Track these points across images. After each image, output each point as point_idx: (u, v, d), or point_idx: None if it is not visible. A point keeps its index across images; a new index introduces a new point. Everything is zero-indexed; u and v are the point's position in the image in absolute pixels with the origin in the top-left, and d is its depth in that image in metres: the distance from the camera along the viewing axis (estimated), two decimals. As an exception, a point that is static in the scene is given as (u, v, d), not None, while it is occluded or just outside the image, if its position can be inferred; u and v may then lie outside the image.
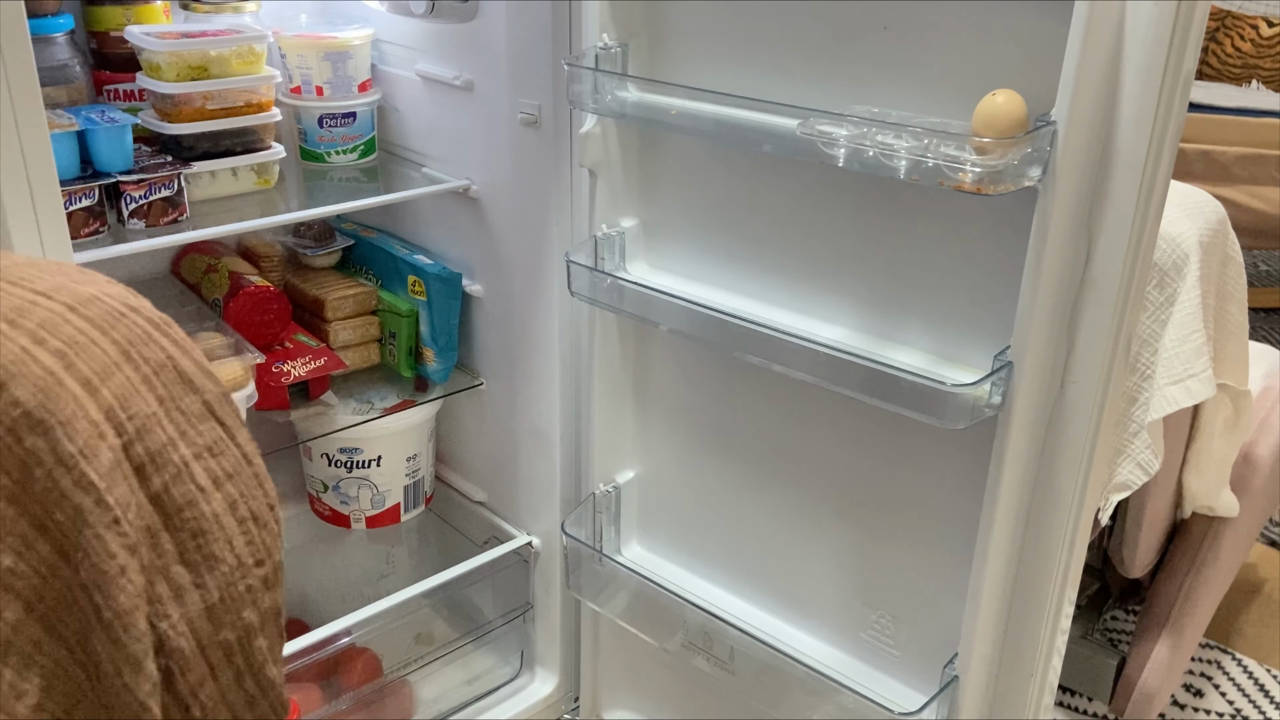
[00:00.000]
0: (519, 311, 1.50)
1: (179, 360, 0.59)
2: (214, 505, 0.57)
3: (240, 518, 0.59)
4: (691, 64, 1.20)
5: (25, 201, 0.96)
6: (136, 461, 0.55)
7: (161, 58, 1.32)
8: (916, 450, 1.13)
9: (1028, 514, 1.05)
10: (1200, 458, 1.64)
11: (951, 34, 0.98)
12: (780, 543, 1.30)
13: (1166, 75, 0.88)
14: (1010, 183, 0.90)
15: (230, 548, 0.58)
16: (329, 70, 1.51)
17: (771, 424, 1.26)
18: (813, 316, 1.16)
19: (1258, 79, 3.50)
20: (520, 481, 1.62)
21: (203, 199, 1.39)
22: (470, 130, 1.48)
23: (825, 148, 0.99)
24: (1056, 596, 1.07)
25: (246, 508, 0.59)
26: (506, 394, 1.59)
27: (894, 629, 1.21)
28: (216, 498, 0.57)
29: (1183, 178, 1.43)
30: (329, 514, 1.68)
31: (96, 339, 0.57)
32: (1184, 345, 1.41)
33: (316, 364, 1.49)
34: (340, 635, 1.43)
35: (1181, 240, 1.42)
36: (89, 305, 0.58)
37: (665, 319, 1.22)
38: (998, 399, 0.99)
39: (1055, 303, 0.96)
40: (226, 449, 0.59)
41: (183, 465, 0.57)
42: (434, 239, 1.63)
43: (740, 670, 1.28)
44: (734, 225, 1.22)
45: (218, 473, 0.58)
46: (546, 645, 1.66)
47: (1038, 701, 1.12)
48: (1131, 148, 0.90)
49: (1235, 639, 2.01)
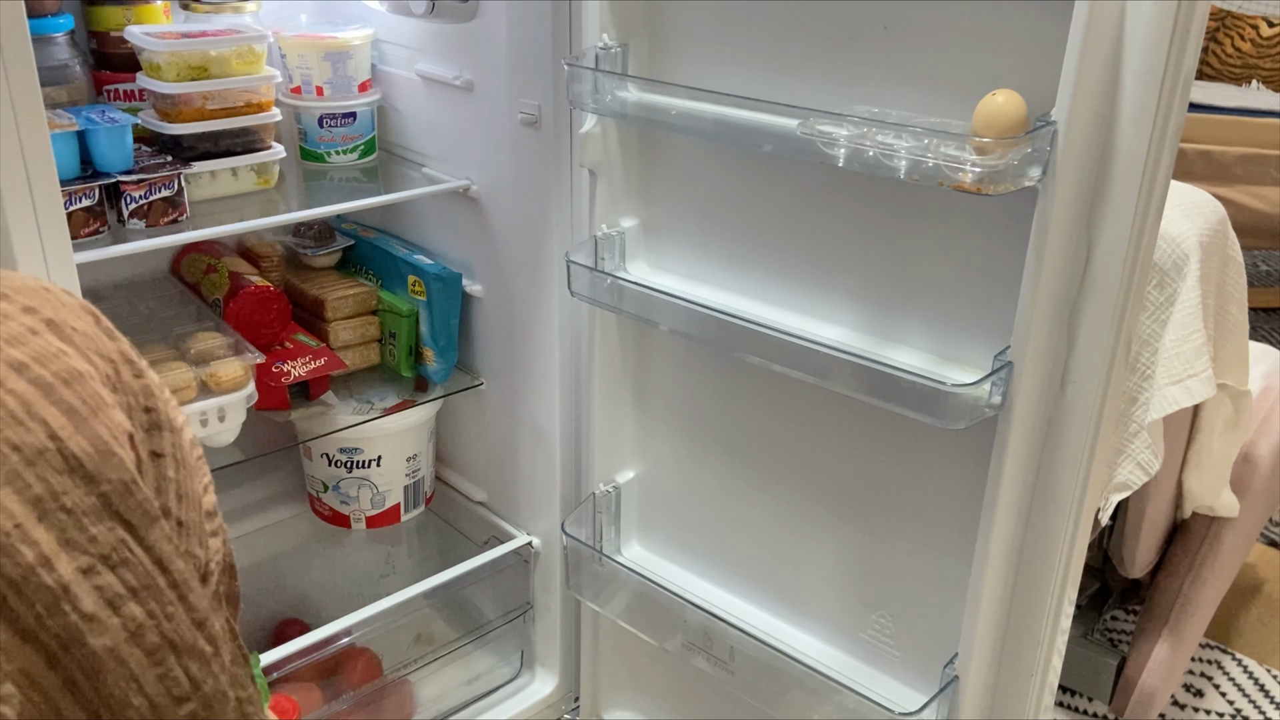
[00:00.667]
0: (519, 311, 1.50)
1: (67, 441, 0.44)
2: (107, 638, 0.44)
3: (150, 647, 0.46)
4: (691, 64, 1.20)
5: (25, 201, 0.96)
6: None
7: (161, 58, 1.31)
8: (917, 450, 1.13)
9: (1028, 514, 1.05)
10: (1200, 458, 1.64)
11: (951, 34, 0.98)
12: (780, 542, 1.30)
13: (1166, 75, 0.88)
14: (1010, 183, 0.90)
15: (138, 688, 0.45)
16: (329, 70, 1.51)
17: (771, 424, 1.26)
18: (813, 316, 1.16)
19: (1258, 79, 3.50)
20: (520, 481, 1.62)
21: (203, 199, 1.39)
22: (470, 130, 1.48)
23: (825, 148, 0.99)
24: (1056, 596, 1.07)
25: (159, 632, 0.46)
26: (506, 394, 1.59)
27: (894, 629, 1.21)
28: (113, 624, 0.45)
29: (1183, 178, 1.43)
30: (329, 514, 1.68)
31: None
32: (1184, 345, 1.41)
33: (316, 364, 1.49)
34: (340, 635, 1.43)
35: (1181, 240, 1.42)
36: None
37: (665, 319, 1.22)
38: (998, 399, 0.99)
39: (1055, 303, 0.96)
40: (130, 557, 0.45)
41: (60, 590, 0.43)
42: (434, 239, 1.63)
43: (740, 670, 1.28)
44: (734, 225, 1.22)
45: (116, 590, 0.45)
46: (546, 645, 1.66)
47: (1038, 701, 1.12)
48: (1131, 148, 0.90)
49: (1235, 639, 2.01)
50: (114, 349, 0.48)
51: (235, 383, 1.31)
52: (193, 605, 0.48)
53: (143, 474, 0.47)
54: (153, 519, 0.46)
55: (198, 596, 0.48)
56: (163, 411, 0.49)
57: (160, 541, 0.46)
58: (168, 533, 0.47)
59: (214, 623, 0.49)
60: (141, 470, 0.47)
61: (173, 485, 0.48)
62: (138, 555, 0.46)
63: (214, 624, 0.49)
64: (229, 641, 0.52)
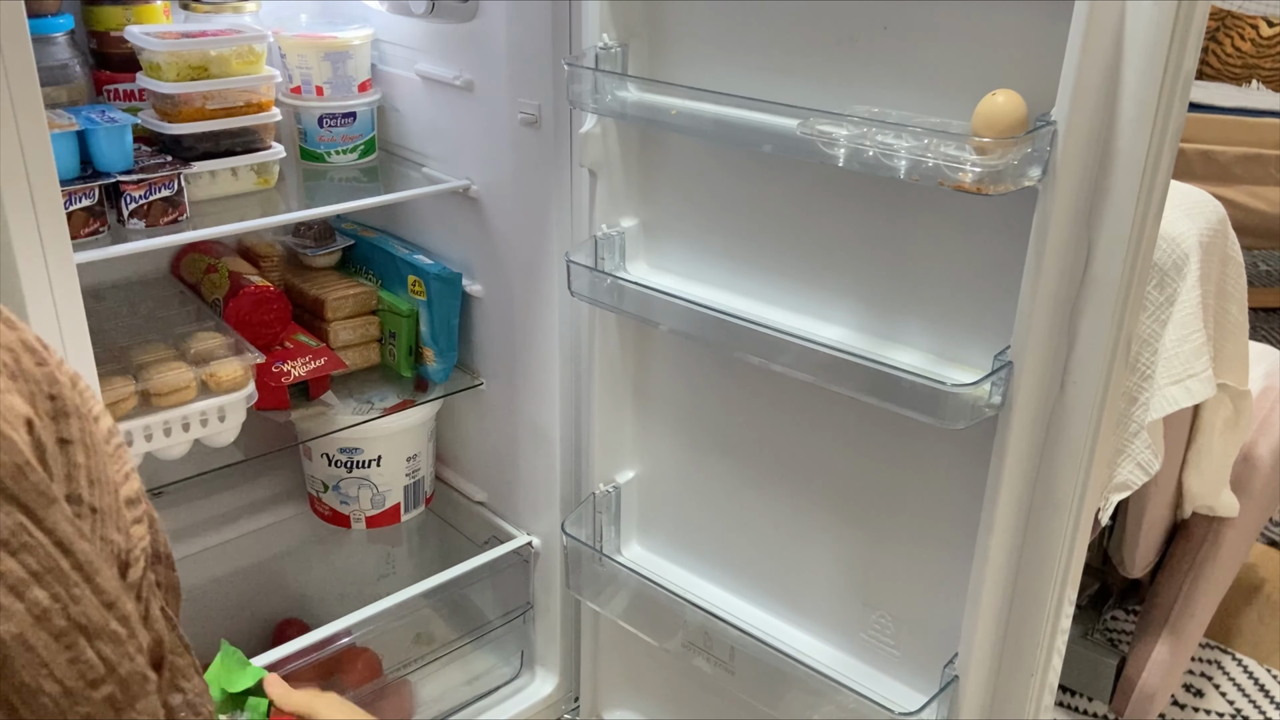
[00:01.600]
0: (519, 311, 1.50)
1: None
2: (12, 624, 0.42)
3: (57, 631, 0.44)
4: (691, 64, 1.20)
5: (25, 201, 0.96)
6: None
7: (161, 58, 1.31)
8: (917, 450, 1.13)
9: (1028, 514, 1.05)
10: (1200, 458, 1.64)
11: (951, 34, 0.98)
12: (780, 542, 1.30)
13: (1166, 75, 0.88)
14: (1010, 183, 0.90)
15: (48, 674, 0.43)
16: (329, 70, 1.51)
17: (771, 424, 1.26)
18: (813, 316, 1.16)
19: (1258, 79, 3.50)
20: (520, 481, 1.62)
21: (203, 199, 1.39)
22: (470, 130, 1.48)
23: (825, 148, 0.99)
24: (1056, 596, 1.07)
25: (66, 616, 0.44)
26: (506, 394, 1.59)
27: (894, 629, 1.21)
28: (18, 610, 0.43)
29: (1183, 178, 1.43)
30: (329, 514, 1.68)
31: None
32: (1184, 345, 1.41)
33: (316, 364, 1.49)
34: (340, 635, 1.43)
35: (1181, 240, 1.42)
36: None
37: (665, 319, 1.22)
38: (998, 399, 0.99)
39: (1055, 302, 0.96)
40: (30, 540, 0.43)
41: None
42: (434, 239, 1.63)
43: (740, 670, 1.28)
44: (734, 225, 1.22)
45: (19, 575, 0.43)
46: (546, 645, 1.66)
47: (1038, 701, 1.12)
48: (1131, 148, 0.90)
49: (1235, 639, 2.01)
50: (13, 338, 0.47)
51: (235, 383, 1.31)
52: (100, 587, 0.46)
53: (47, 459, 0.45)
54: (50, 500, 0.44)
55: (105, 579, 0.46)
56: (68, 398, 0.48)
57: (61, 524, 0.45)
58: (69, 515, 0.45)
59: (125, 605, 0.47)
60: (45, 455, 0.45)
61: (83, 471, 0.47)
62: (38, 538, 0.44)
63: (125, 606, 0.47)
64: (169, 632, 0.52)
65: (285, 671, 1.39)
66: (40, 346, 0.49)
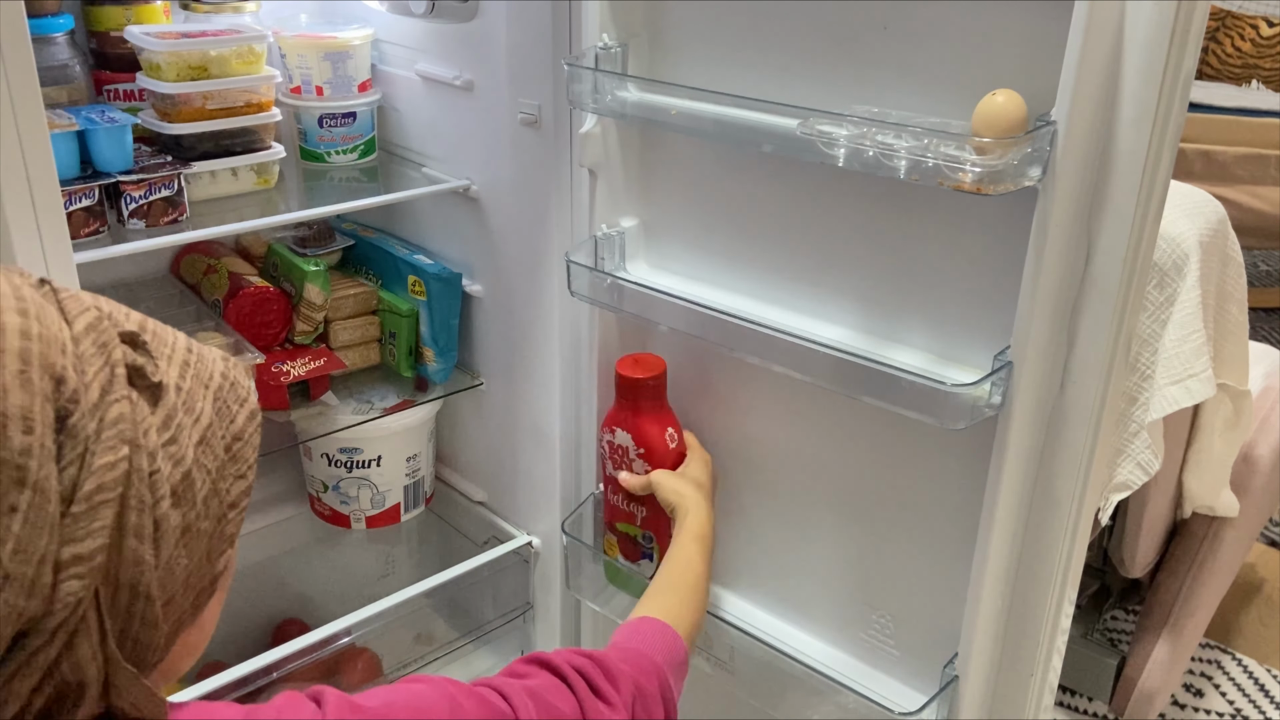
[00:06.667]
0: (519, 311, 1.50)
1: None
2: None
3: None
4: (691, 64, 1.20)
5: (25, 201, 0.96)
6: None
7: (161, 58, 1.31)
8: (916, 450, 1.13)
9: (1028, 513, 1.05)
10: (1200, 458, 1.64)
11: (951, 34, 0.98)
12: (780, 542, 1.30)
13: (1166, 75, 0.88)
14: (1010, 183, 0.90)
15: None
16: (329, 70, 1.51)
17: (771, 423, 1.26)
18: (813, 316, 1.16)
19: (1258, 79, 3.50)
20: (520, 481, 1.62)
21: (203, 199, 1.39)
22: (470, 130, 1.48)
23: (825, 148, 0.99)
24: (1057, 596, 1.07)
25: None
26: (506, 394, 1.59)
27: (894, 628, 1.21)
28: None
29: (1183, 178, 1.43)
30: (329, 514, 1.68)
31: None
32: (1184, 345, 1.41)
33: (316, 364, 1.49)
34: (340, 635, 1.43)
35: (1181, 240, 1.42)
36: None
37: (665, 319, 1.22)
38: (998, 399, 0.99)
39: (1055, 302, 0.96)
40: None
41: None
42: (434, 239, 1.63)
43: (740, 670, 1.28)
44: (734, 225, 1.22)
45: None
46: (546, 645, 1.66)
47: (1038, 701, 1.12)
48: (1132, 147, 0.90)
49: (1235, 639, 2.01)
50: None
51: (235, 383, 1.31)
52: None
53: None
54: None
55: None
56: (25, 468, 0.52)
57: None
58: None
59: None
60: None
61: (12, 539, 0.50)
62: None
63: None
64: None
65: (285, 671, 1.39)
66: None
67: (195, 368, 0.62)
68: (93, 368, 0.54)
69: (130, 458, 0.54)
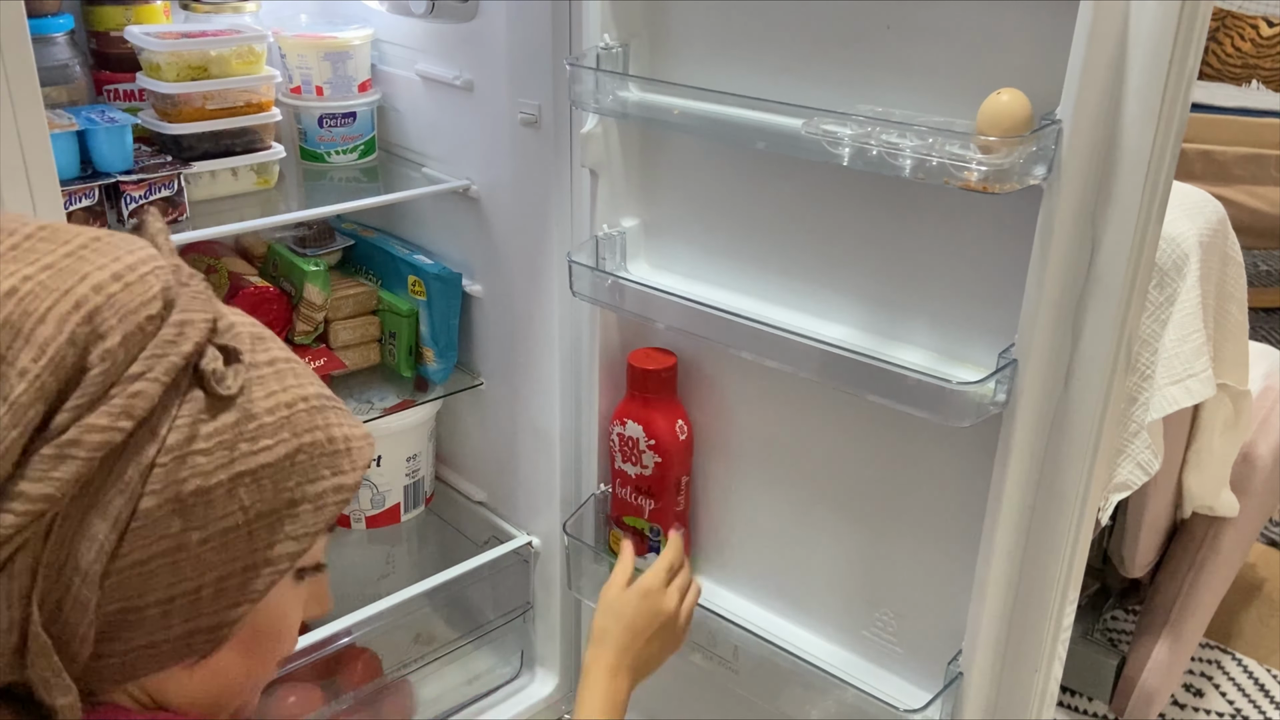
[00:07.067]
0: (519, 311, 1.50)
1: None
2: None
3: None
4: (693, 64, 1.20)
5: (25, 201, 0.96)
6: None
7: (161, 58, 1.31)
8: (921, 448, 1.13)
9: (1032, 511, 1.05)
10: (1200, 458, 1.64)
11: (955, 33, 0.98)
12: (784, 540, 1.29)
13: (1170, 74, 0.88)
14: (1015, 181, 0.90)
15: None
16: (329, 70, 1.50)
17: (774, 422, 1.26)
18: (816, 315, 1.16)
19: (1258, 79, 3.51)
20: (520, 481, 1.62)
21: (203, 199, 1.39)
22: (470, 130, 1.48)
23: (830, 147, 0.99)
24: (1060, 593, 1.07)
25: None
26: (506, 394, 1.58)
27: (898, 626, 1.21)
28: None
29: (1183, 178, 1.43)
30: (329, 514, 1.67)
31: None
32: (1184, 345, 1.41)
33: (316, 364, 1.49)
34: (340, 635, 1.42)
35: (1181, 240, 1.42)
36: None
37: (667, 318, 1.22)
38: (1002, 397, 0.99)
39: (1060, 301, 0.96)
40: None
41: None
42: (434, 239, 1.63)
43: (743, 668, 1.28)
44: (736, 224, 1.22)
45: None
46: (546, 645, 1.66)
47: (1041, 699, 1.12)
48: (1136, 146, 0.90)
49: (1235, 639, 2.02)
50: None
51: (236, 383, 1.30)
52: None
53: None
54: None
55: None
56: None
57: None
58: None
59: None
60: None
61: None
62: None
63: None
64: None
65: (285, 671, 1.39)
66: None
67: (297, 417, 0.63)
68: (147, 346, 0.55)
69: (132, 434, 0.54)
